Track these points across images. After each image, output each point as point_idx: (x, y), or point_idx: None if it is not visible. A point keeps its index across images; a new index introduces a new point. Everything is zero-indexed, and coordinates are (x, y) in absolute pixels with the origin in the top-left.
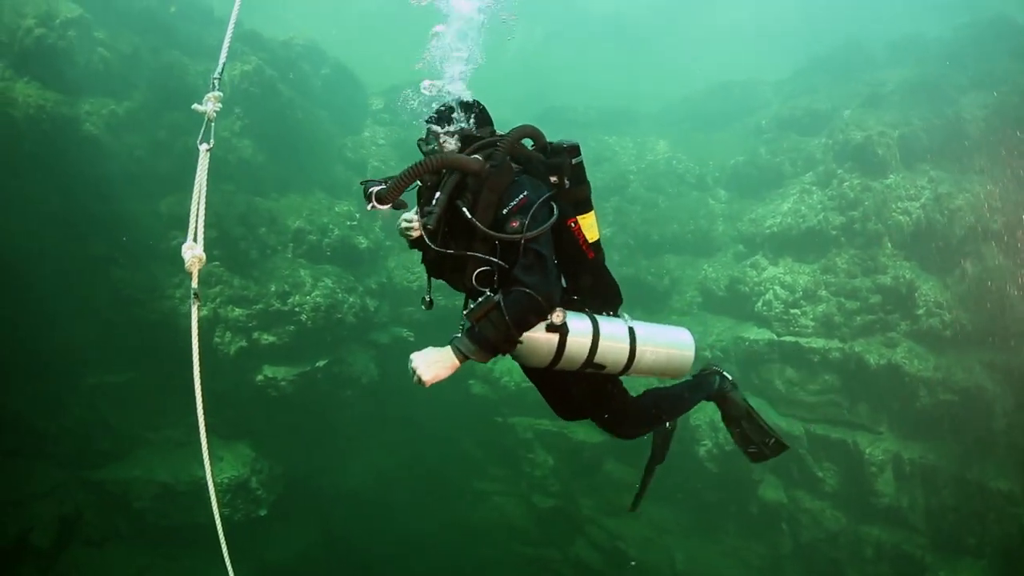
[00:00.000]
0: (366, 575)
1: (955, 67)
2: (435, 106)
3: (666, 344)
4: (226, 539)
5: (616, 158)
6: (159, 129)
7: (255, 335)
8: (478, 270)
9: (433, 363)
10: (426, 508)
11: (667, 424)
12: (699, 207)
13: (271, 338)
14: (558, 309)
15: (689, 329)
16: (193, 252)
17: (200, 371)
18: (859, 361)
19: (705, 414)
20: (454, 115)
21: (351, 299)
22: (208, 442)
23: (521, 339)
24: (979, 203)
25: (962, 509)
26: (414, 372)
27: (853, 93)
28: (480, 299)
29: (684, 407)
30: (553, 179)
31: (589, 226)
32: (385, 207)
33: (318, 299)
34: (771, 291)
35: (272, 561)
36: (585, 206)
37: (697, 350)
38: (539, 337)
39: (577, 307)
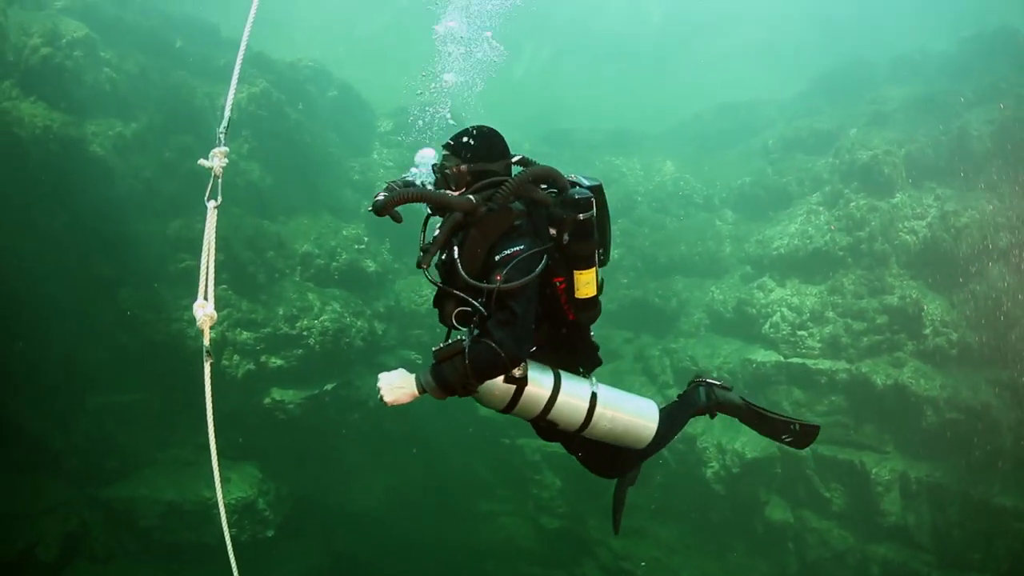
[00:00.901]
0: None
1: (960, 81)
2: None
3: (626, 412)
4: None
5: (623, 180)
6: (166, 150)
7: (263, 358)
8: (458, 309)
9: (396, 388)
10: (433, 529)
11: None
12: (706, 228)
13: (279, 361)
14: (521, 363)
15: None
16: (204, 311)
17: (214, 427)
18: (866, 382)
19: (712, 436)
20: (469, 145)
21: (359, 323)
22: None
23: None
24: (985, 221)
25: (968, 526)
26: (378, 391)
27: (858, 111)
28: (451, 340)
29: (671, 434)
30: (552, 231)
31: (585, 283)
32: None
33: (326, 323)
34: (778, 313)
35: None
36: (585, 263)
37: (705, 372)
38: (496, 384)
39: (548, 361)
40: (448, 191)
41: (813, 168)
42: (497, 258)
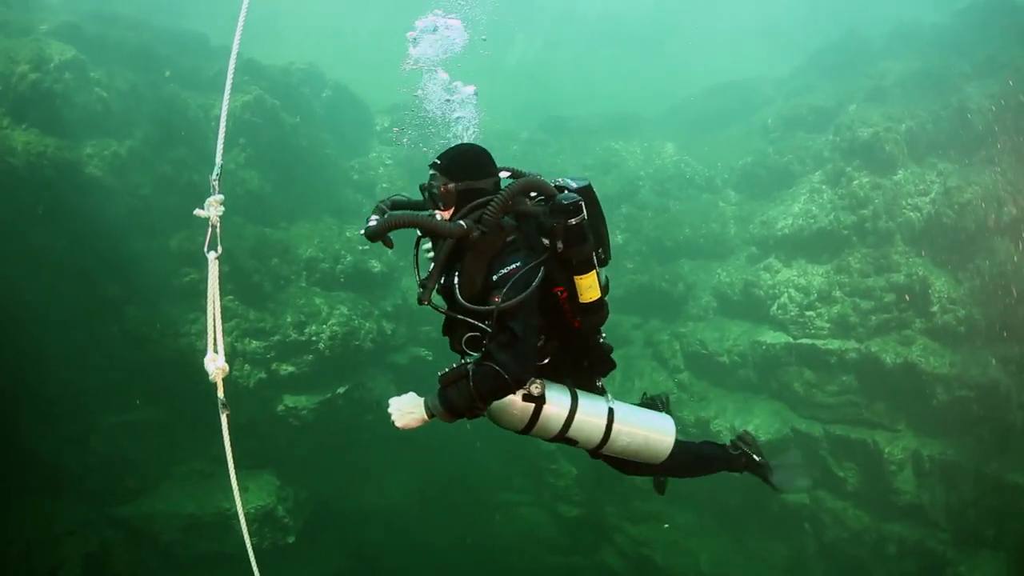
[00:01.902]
0: None
1: (955, 54)
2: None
3: (644, 428)
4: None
5: (624, 164)
6: (163, 165)
7: (274, 366)
8: (467, 335)
9: (406, 413)
10: (452, 524)
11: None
12: (710, 210)
13: (290, 368)
14: (537, 381)
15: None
16: (216, 364)
17: (237, 480)
18: (875, 360)
19: (725, 419)
20: (456, 163)
21: (368, 324)
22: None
23: (496, 404)
24: (989, 195)
25: (981, 503)
26: (390, 416)
27: (856, 87)
28: (456, 364)
29: (700, 471)
30: (545, 241)
31: (587, 287)
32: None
33: (335, 327)
34: (786, 294)
35: None
36: (584, 267)
37: (715, 355)
38: (514, 404)
39: (560, 373)
40: (437, 212)
41: (814, 146)
42: (495, 278)
